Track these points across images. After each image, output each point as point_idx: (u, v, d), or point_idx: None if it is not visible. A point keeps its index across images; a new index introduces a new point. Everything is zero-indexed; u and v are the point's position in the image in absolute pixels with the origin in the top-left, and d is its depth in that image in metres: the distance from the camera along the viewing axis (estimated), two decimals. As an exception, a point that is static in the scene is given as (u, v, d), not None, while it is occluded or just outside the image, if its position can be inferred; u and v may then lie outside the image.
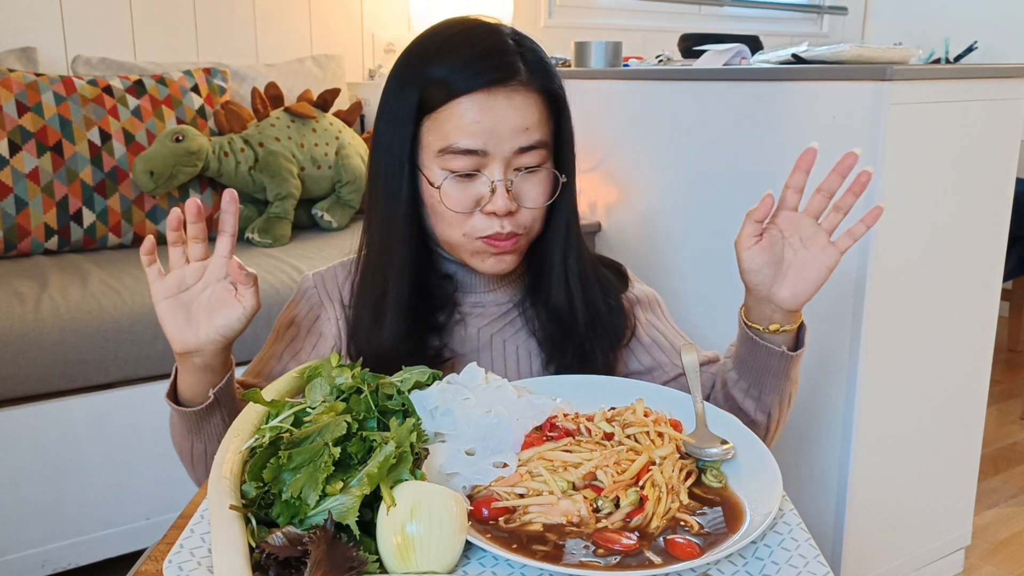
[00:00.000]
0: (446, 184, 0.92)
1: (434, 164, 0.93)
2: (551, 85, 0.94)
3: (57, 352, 1.62)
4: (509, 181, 0.92)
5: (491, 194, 0.91)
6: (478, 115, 0.90)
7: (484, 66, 0.90)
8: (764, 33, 2.65)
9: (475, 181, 0.92)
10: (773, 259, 0.90)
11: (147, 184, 2.04)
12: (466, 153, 0.90)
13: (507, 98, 0.90)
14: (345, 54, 2.72)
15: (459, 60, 0.91)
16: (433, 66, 0.92)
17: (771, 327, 0.92)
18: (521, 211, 0.94)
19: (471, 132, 0.90)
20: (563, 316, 1.00)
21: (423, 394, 0.78)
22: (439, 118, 0.91)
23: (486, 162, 0.91)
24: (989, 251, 1.77)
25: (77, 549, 1.71)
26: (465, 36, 0.93)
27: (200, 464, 0.97)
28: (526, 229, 0.95)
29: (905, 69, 1.49)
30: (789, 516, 0.71)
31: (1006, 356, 3.37)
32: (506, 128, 0.90)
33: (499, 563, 0.64)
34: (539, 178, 0.94)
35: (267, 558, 0.60)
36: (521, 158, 0.92)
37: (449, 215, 0.93)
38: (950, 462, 1.85)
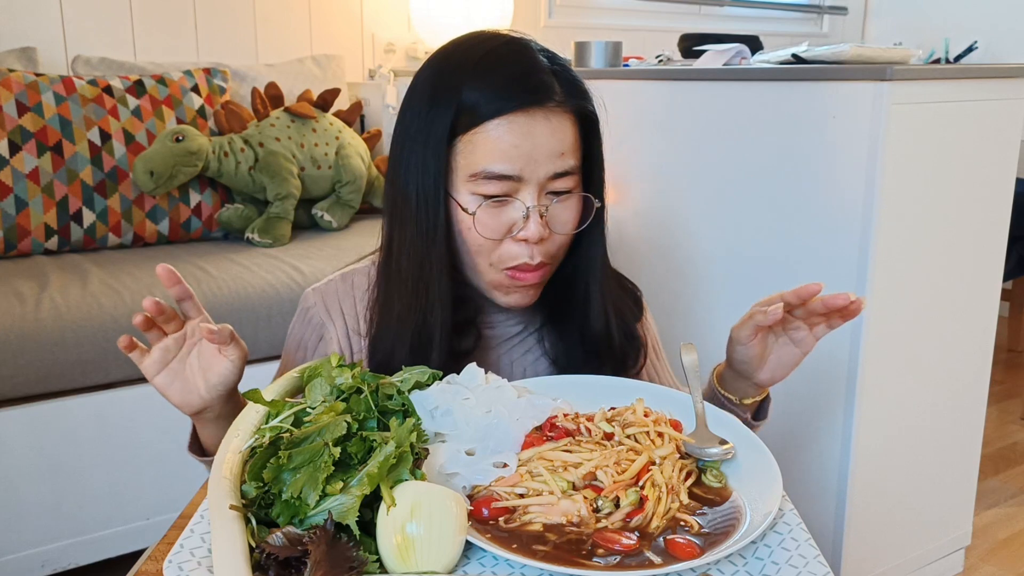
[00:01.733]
0: (480, 210, 0.88)
1: (464, 188, 0.88)
2: (586, 106, 0.91)
3: (57, 352, 1.62)
4: (544, 207, 0.88)
5: (524, 220, 0.87)
6: (516, 138, 0.86)
7: (521, 87, 0.86)
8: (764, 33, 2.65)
9: (507, 206, 0.88)
10: (761, 351, 0.92)
11: (147, 184, 2.04)
12: (500, 178, 0.86)
13: (545, 120, 0.87)
14: (345, 54, 2.72)
15: (495, 81, 0.87)
16: (467, 87, 0.87)
17: (744, 400, 0.97)
18: (552, 238, 0.90)
19: (508, 156, 0.86)
20: (584, 343, 0.97)
21: (423, 394, 0.78)
22: (473, 141, 0.87)
23: (519, 187, 0.87)
24: (989, 251, 1.77)
25: (77, 549, 1.71)
26: (498, 55, 0.89)
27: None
28: (554, 258, 0.92)
29: (905, 69, 1.49)
30: (789, 516, 0.71)
31: (1006, 356, 3.37)
32: (543, 152, 0.87)
33: (499, 563, 0.64)
34: (571, 203, 0.91)
35: (267, 558, 0.60)
36: (554, 183, 0.89)
37: (479, 242, 0.89)
38: (950, 462, 1.85)
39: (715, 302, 1.82)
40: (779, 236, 1.68)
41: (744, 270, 1.75)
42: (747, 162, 1.72)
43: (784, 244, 1.67)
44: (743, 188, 1.73)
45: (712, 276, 1.83)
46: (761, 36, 2.32)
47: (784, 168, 1.66)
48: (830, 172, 1.57)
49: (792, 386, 1.69)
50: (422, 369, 0.83)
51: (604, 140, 0.98)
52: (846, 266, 1.56)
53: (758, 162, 1.70)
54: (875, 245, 1.53)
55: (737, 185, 1.75)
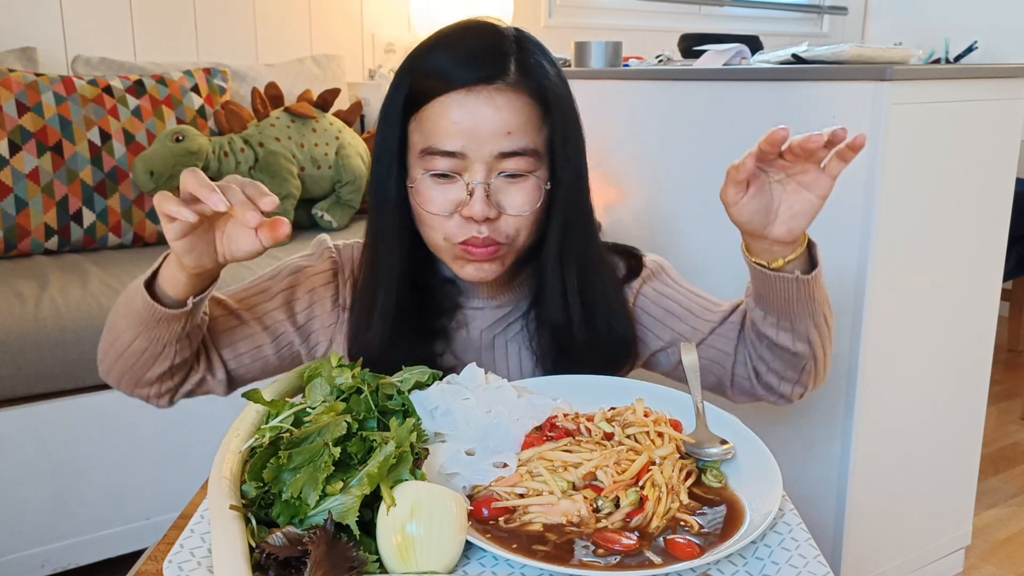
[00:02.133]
0: (423, 184, 0.90)
1: (417, 165, 0.91)
2: (544, 88, 0.90)
3: (57, 352, 1.62)
4: (487, 185, 0.88)
5: (469, 198, 0.88)
6: (458, 115, 0.87)
7: (471, 65, 0.88)
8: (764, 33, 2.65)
9: (455, 184, 0.89)
10: (763, 205, 0.83)
11: (147, 184, 2.04)
12: (445, 155, 0.88)
13: (489, 98, 0.87)
14: (345, 54, 2.72)
15: (446, 58, 0.89)
16: (424, 63, 0.90)
17: (775, 263, 0.87)
18: (503, 219, 0.90)
19: (450, 132, 0.87)
20: (559, 333, 0.96)
21: (423, 394, 0.78)
22: (423, 117, 0.89)
23: (466, 165, 0.88)
24: (989, 251, 1.77)
25: (77, 549, 1.71)
26: (461, 35, 0.92)
27: (129, 359, 0.90)
28: (508, 238, 0.91)
29: (905, 69, 1.49)
30: (789, 516, 0.71)
31: (1006, 356, 3.37)
32: (486, 130, 0.87)
33: (499, 563, 0.64)
34: (525, 186, 0.90)
35: (267, 558, 0.60)
36: (504, 163, 0.88)
37: (428, 217, 0.91)
38: (950, 462, 1.85)
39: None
40: (779, 236, 1.68)
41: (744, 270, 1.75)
42: (747, 162, 1.72)
43: (784, 244, 1.67)
44: (743, 188, 1.73)
45: (712, 276, 1.83)
46: (761, 36, 2.32)
47: (784, 168, 1.65)
48: (830, 172, 1.57)
49: (792, 386, 1.69)
50: (422, 369, 0.83)
51: (604, 139, 0.97)
52: (846, 266, 1.56)
53: (758, 162, 1.70)
54: (875, 245, 1.53)
55: (737, 185, 1.74)
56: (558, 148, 0.92)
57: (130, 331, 0.87)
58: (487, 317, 1.00)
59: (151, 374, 0.91)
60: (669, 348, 1.02)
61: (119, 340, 0.90)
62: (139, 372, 0.91)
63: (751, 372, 0.98)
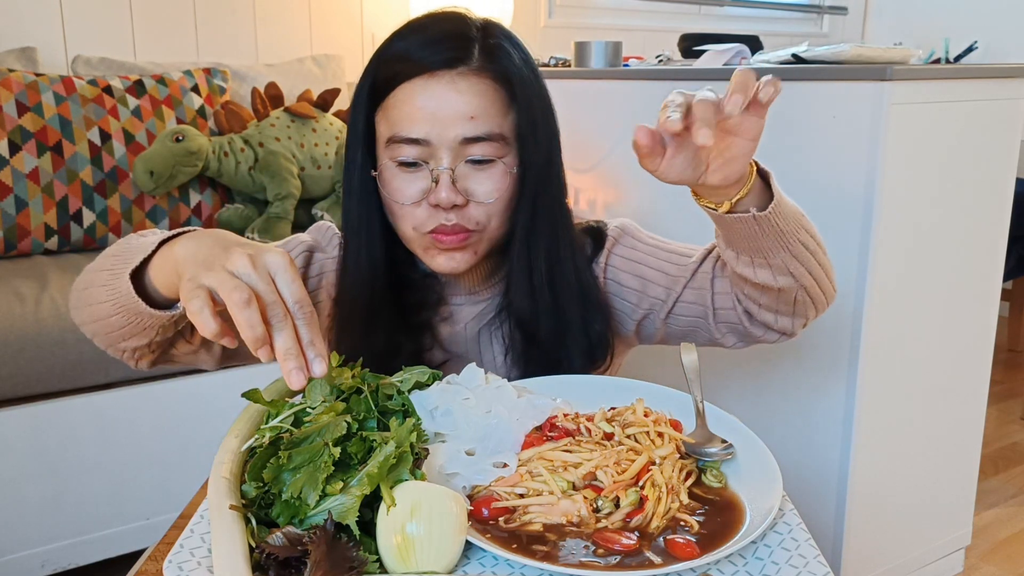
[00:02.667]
0: (388, 173, 0.89)
1: (384, 155, 0.90)
2: (508, 72, 0.88)
3: (57, 352, 1.62)
4: (452, 171, 0.87)
5: (435, 185, 0.87)
6: (421, 100, 0.86)
7: (432, 50, 0.87)
8: (764, 33, 2.65)
9: (420, 172, 0.88)
10: (688, 161, 0.76)
11: (147, 184, 2.04)
12: (409, 142, 0.87)
13: (451, 82, 0.86)
14: (345, 54, 2.72)
15: (411, 44, 0.88)
16: (388, 52, 0.90)
17: (722, 207, 0.82)
18: (470, 206, 0.89)
19: (414, 119, 0.86)
20: (526, 324, 0.95)
21: (423, 394, 0.78)
22: (388, 105, 0.89)
23: (431, 152, 0.87)
24: (989, 251, 1.77)
25: (77, 549, 1.71)
26: (424, 23, 0.91)
27: (104, 326, 0.82)
28: (478, 225, 0.90)
29: (905, 69, 1.49)
30: (789, 516, 0.71)
31: (1006, 356, 3.37)
32: (448, 115, 0.86)
33: (499, 563, 0.64)
34: (492, 172, 0.89)
35: (267, 558, 0.60)
36: (469, 148, 0.87)
37: (396, 207, 0.90)
38: (950, 462, 1.85)
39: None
40: (779, 236, 1.68)
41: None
42: (747, 162, 1.72)
43: (784, 244, 1.67)
44: (743, 188, 1.73)
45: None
46: (761, 36, 2.32)
47: (784, 168, 1.65)
48: (830, 172, 1.57)
49: (792, 386, 1.70)
50: (422, 369, 0.83)
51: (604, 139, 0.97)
52: (846, 266, 1.56)
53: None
54: (875, 245, 1.53)
55: (737, 185, 1.74)
56: (526, 133, 0.90)
57: (109, 305, 0.79)
58: (471, 310, 0.99)
59: (128, 344, 0.84)
60: (651, 314, 0.99)
61: (96, 305, 0.81)
62: (114, 340, 0.84)
63: (742, 315, 0.94)
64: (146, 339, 0.82)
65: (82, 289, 0.85)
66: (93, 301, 0.81)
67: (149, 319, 0.78)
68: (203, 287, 0.64)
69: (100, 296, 0.80)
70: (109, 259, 0.81)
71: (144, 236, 0.83)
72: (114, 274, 0.78)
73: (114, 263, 0.79)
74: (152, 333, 0.81)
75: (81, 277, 0.86)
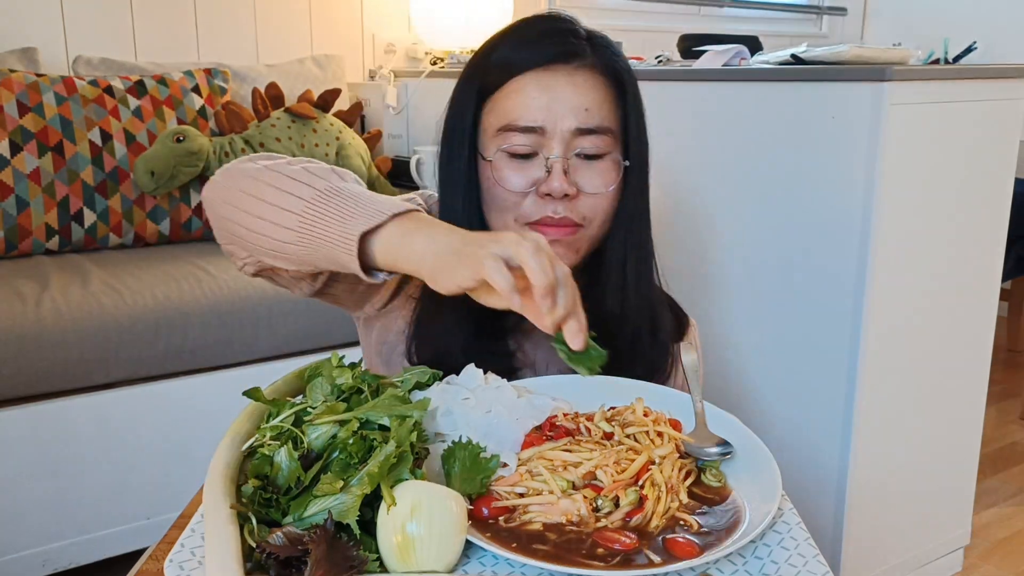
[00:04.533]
0: (500, 160, 0.89)
1: (492, 145, 0.90)
2: (618, 67, 0.91)
3: (57, 352, 1.63)
4: (566, 161, 0.88)
5: (547, 175, 0.88)
6: (537, 91, 0.88)
7: (547, 43, 0.89)
8: (764, 33, 2.65)
9: (532, 162, 0.89)
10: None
11: (148, 184, 2.04)
12: (524, 131, 0.88)
13: (568, 75, 0.88)
14: (345, 54, 2.72)
15: (521, 40, 0.90)
16: (496, 50, 0.91)
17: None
18: (581, 198, 0.89)
19: (529, 108, 0.88)
20: (609, 326, 0.90)
21: (423, 394, 0.78)
22: (498, 97, 0.90)
23: (544, 142, 0.88)
24: (989, 251, 1.77)
25: (77, 549, 1.71)
26: (530, 21, 0.93)
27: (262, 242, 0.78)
28: (585, 219, 0.90)
29: (905, 69, 1.49)
30: (789, 515, 0.71)
31: (1006, 356, 3.37)
32: (565, 106, 0.87)
33: (499, 563, 0.64)
34: (603, 165, 0.90)
35: (267, 558, 0.61)
36: (582, 140, 0.89)
37: (502, 196, 0.89)
38: (950, 462, 1.85)
39: (713, 302, 1.82)
40: (778, 236, 1.68)
41: (743, 270, 1.75)
42: (746, 163, 1.72)
43: (783, 244, 1.67)
44: (742, 188, 1.73)
45: (710, 276, 1.83)
46: (761, 36, 2.32)
47: (784, 168, 1.66)
48: (830, 172, 1.57)
49: (792, 386, 1.70)
50: (422, 369, 0.83)
51: None
52: (845, 266, 1.56)
53: (757, 163, 1.70)
54: (874, 245, 1.53)
55: (736, 185, 1.75)
56: (632, 132, 0.93)
57: (292, 233, 0.76)
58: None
59: (265, 259, 0.81)
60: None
61: (269, 223, 0.77)
62: (258, 249, 0.80)
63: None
64: (294, 267, 0.81)
65: (255, 194, 0.79)
66: (269, 217, 0.77)
67: (348, 274, 0.77)
68: (487, 256, 0.68)
69: (286, 220, 0.76)
70: (311, 191, 0.76)
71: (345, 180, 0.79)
72: (320, 215, 0.75)
73: (326, 205, 0.75)
74: (309, 270, 0.81)
75: (259, 176, 0.80)
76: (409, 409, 0.71)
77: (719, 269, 1.81)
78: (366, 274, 0.75)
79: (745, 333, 1.77)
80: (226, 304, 1.79)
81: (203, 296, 1.77)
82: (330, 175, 0.80)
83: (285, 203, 0.77)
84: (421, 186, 2.47)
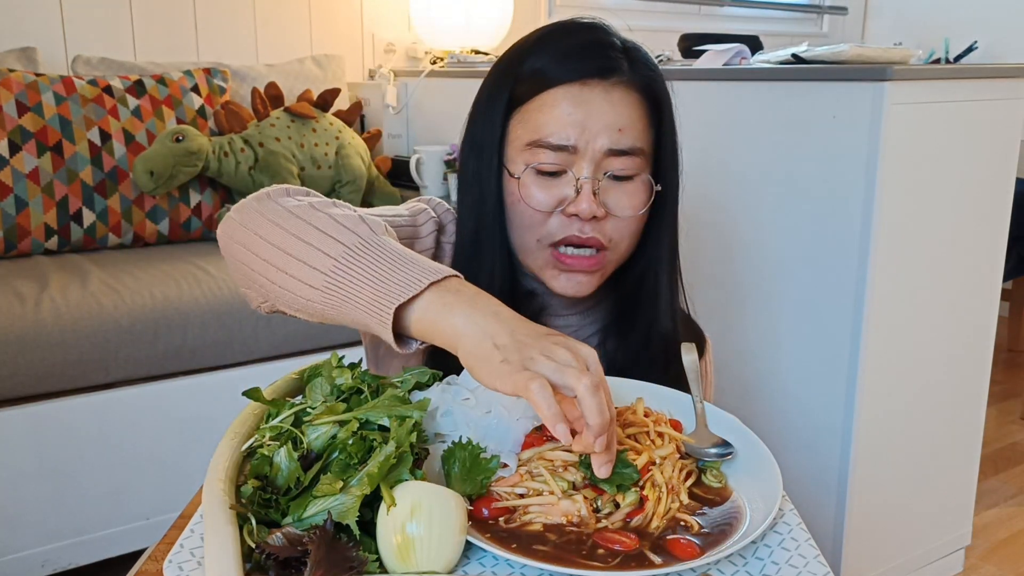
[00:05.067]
0: (527, 176, 0.86)
1: (519, 159, 0.87)
2: (655, 86, 0.88)
3: (57, 352, 1.62)
4: (596, 182, 0.84)
5: (575, 195, 0.85)
6: (571, 107, 0.84)
7: (583, 57, 0.85)
8: (764, 33, 2.64)
9: (560, 180, 0.85)
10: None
11: (147, 184, 2.04)
12: (554, 148, 0.84)
13: (605, 92, 0.84)
14: (345, 54, 2.72)
15: (556, 51, 0.86)
16: (529, 58, 0.87)
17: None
18: (608, 220, 0.86)
19: (562, 124, 0.84)
20: (649, 347, 0.91)
21: (423, 395, 0.78)
22: (529, 109, 0.86)
23: (574, 160, 0.85)
24: (989, 251, 1.77)
25: (77, 549, 1.71)
26: (566, 29, 0.89)
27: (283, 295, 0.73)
28: (612, 242, 0.87)
29: (905, 69, 1.49)
30: (789, 516, 0.71)
31: (1006, 356, 3.37)
32: (599, 124, 0.84)
33: (499, 563, 0.64)
34: (633, 187, 0.87)
35: (267, 558, 0.60)
36: (613, 161, 0.85)
37: (527, 214, 0.86)
38: (950, 462, 1.85)
39: (712, 301, 1.82)
40: (778, 236, 1.68)
41: (742, 270, 1.75)
42: (746, 162, 1.72)
43: (783, 244, 1.67)
44: (742, 188, 1.73)
45: (709, 276, 1.83)
46: (761, 36, 2.32)
47: (784, 168, 1.66)
48: (830, 172, 1.57)
49: (792, 386, 1.70)
50: (422, 369, 0.82)
51: None
52: (846, 266, 1.56)
53: (758, 162, 1.70)
54: (875, 245, 1.53)
55: (736, 185, 1.75)
56: (665, 152, 0.90)
57: (318, 292, 0.70)
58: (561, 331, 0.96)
59: (287, 312, 0.77)
60: None
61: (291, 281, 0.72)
62: (278, 303, 0.76)
63: None
64: (315, 321, 0.75)
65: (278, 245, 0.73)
66: (293, 272, 0.72)
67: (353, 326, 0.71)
68: (539, 376, 0.62)
69: (312, 278, 0.71)
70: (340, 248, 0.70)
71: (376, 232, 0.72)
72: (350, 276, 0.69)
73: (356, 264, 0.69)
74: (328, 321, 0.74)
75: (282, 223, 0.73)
76: (409, 409, 0.71)
77: (718, 268, 1.80)
78: (397, 342, 0.70)
79: (744, 333, 1.77)
80: (225, 304, 1.79)
81: (202, 296, 1.77)
82: (359, 225, 0.73)
83: (311, 259, 0.71)
84: (421, 186, 2.47)
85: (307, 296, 0.71)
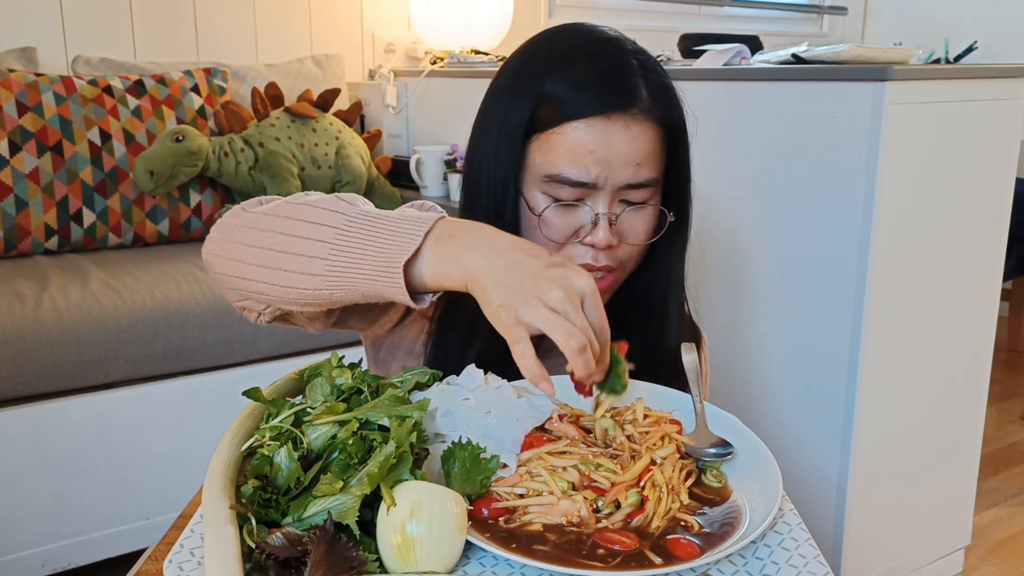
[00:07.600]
0: (548, 212, 0.86)
1: (536, 188, 0.87)
2: (672, 115, 0.88)
3: (57, 352, 1.62)
4: (614, 215, 0.86)
5: (592, 226, 0.86)
6: (593, 143, 0.83)
7: (604, 88, 0.84)
8: (764, 33, 2.64)
9: (576, 210, 0.86)
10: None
11: (147, 184, 2.04)
12: (573, 184, 0.85)
13: (625, 127, 0.84)
14: (345, 54, 2.72)
15: (578, 78, 0.85)
16: (550, 81, 0.86)
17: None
18: (620, 246, 0.88)
19: (584, 162, 0.84)
20: (656, 362, 0.91)
21: (423, 395, 0.78)
22: (550, 140, 0.85)
23: (591, 193, 0.85)
24: (989, 251, 1.77)
25: (77, 549, 1.71)
26: (586, 50, 0.88)
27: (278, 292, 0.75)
28: (622, 264, 0.89)
29: (905, 69, 1.49)
30: (789, 516, 0.71)
31: (1006, 356, 3.37)
32: (619, 160, 0.84)
33: (499, 563, 0.64)
34: (645, 214, 0.88)
35: (267, 558, 0.60)
36: (629, 193, 0.86)
37: (542, 242, 0.86)
38: (950, 462, 1.85)
39: (712, 301, 1.82)
40: (778, 236, 1.68)
41: (742, 270, 1.75)
42: (746, 162, 1.72)
43: (783, 244, 1.67)
44: (742, 188, 1.73)
45: (709, 275, 1.83)
46: (761, 36, 2.32)
47: (784, 168, 1.66)
48: (830, 172, 1.57)
49: (792, 386, 1.70)
50: (422, 370, 0.82)
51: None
52: (846, 266, 1.56)
53: (758, 162, 1.70)
54: (875, 245, 1.53)
55: (736, 185, 1.74)
56: (678, 178, 0.91)
57: (320, 279, 0.72)
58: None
59: (293, 310, 0.79)
60: None
61: (292, 276, 0.73)
62: (281, 304, 0.77)
63: None
64: (325, 309, 0.77)
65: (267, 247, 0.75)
66: (290, 267, 0.73)
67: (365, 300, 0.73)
68: (523, 324, 0.67)
69: (311, 266, 0.72)
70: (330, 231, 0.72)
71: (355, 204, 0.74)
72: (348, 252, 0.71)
73: (350, 240, 0.71)
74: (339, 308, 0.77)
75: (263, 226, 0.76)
76: (409, 409, 0.71)
77: (718, 268, 1.80)
78: (414, 301, 0.72)
79: (744, 332, 1.77)
80: (226, 304, 1.79)
81: (202, 296, 1.77)
82: (337, 203, 0.74)
83: (305, 249, 0.72)
84: (420, 186, 2.47)
85: (312, 286, 0.73)
